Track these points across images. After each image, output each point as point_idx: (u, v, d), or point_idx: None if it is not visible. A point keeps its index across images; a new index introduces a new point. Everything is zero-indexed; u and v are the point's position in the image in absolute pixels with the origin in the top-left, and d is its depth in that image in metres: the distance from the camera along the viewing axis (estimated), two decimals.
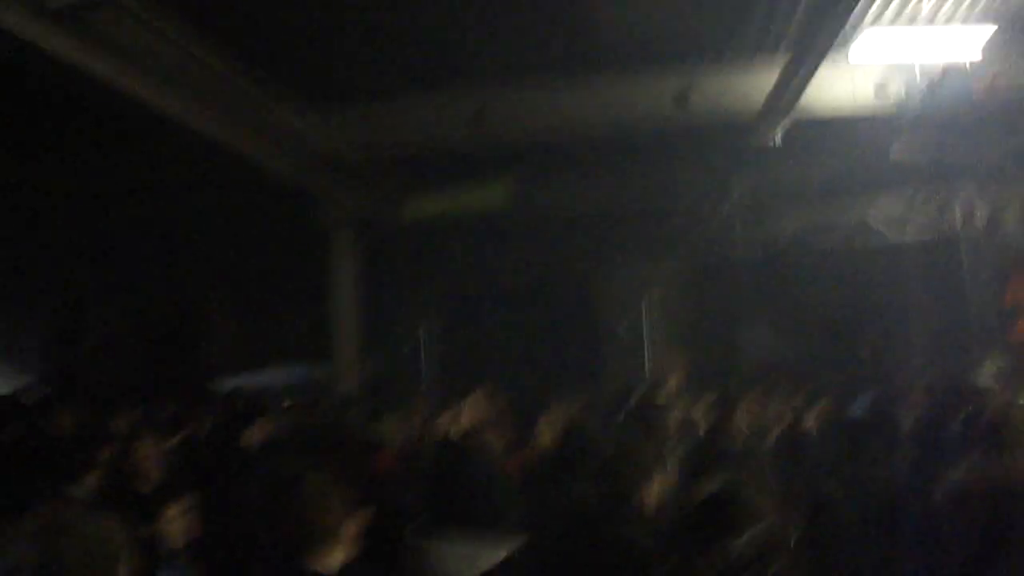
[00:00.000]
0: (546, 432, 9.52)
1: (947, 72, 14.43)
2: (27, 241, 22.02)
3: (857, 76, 15.38)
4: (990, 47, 13.79)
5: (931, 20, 13.84)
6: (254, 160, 15.44)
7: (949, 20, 13.91)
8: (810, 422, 10.13)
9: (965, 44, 13.55)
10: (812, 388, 12.98)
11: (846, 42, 13.33)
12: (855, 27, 13.11)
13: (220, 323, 27.40)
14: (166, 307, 28.12)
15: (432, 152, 17.34)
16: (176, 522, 6.42)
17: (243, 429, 10.55)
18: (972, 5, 13.63)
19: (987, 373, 11.61)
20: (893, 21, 13.74)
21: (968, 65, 14.23)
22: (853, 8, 12.15)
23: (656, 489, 5.59)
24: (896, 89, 15.46)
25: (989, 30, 13.02)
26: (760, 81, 15.01)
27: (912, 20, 13.81)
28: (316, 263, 19.57)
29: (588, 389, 21.21)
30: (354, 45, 14.18)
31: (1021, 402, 8.82)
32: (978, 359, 16.55)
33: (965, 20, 13.92)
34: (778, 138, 15.85)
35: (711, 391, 12.58)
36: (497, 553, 4.64)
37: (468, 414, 9.61)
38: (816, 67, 13.62)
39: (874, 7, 13.07)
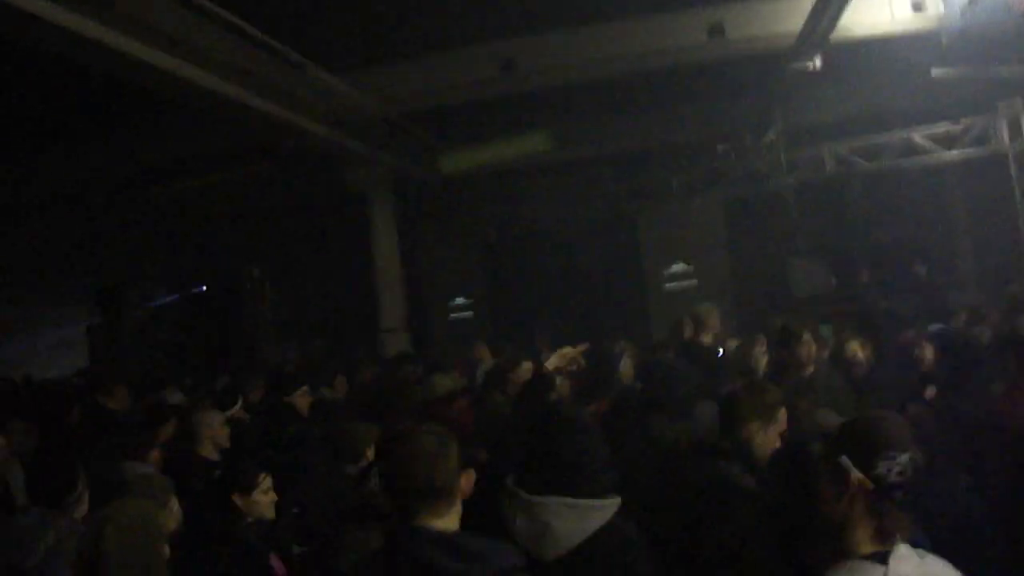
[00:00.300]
0: (625, 372, 9.44)
1: None
2: (66, 221, 22.00)
3: None
4: None
5: None
6: (288, 124, 15.28)
7: None
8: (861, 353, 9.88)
9: None
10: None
11: None
12: None
13: (263, 293, 27.42)
14: (210, 279, 28.23)
15: (466, 105, 17.11)
16: (268, 492, 6.29)
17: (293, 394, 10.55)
18: None
19: None
20: None
21: None
22: None
23: (758, 426, 5.54)
24: (934, 5, 15.15)
25: None
26: (795, 7, 14.67)
27: None
28: (357, 225, 19.44)
29: (640, 330, 21.37)
30: (382, 4, 14.01)
31: None
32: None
33: None
34: (817, 63, 15.55)
35: (762, 327, 12.51)
36: (604, 508, 4.45)
37: (553, 362, 9.42)
38: None
39: None
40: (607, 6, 15.14)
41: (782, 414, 5.61)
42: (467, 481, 3.93)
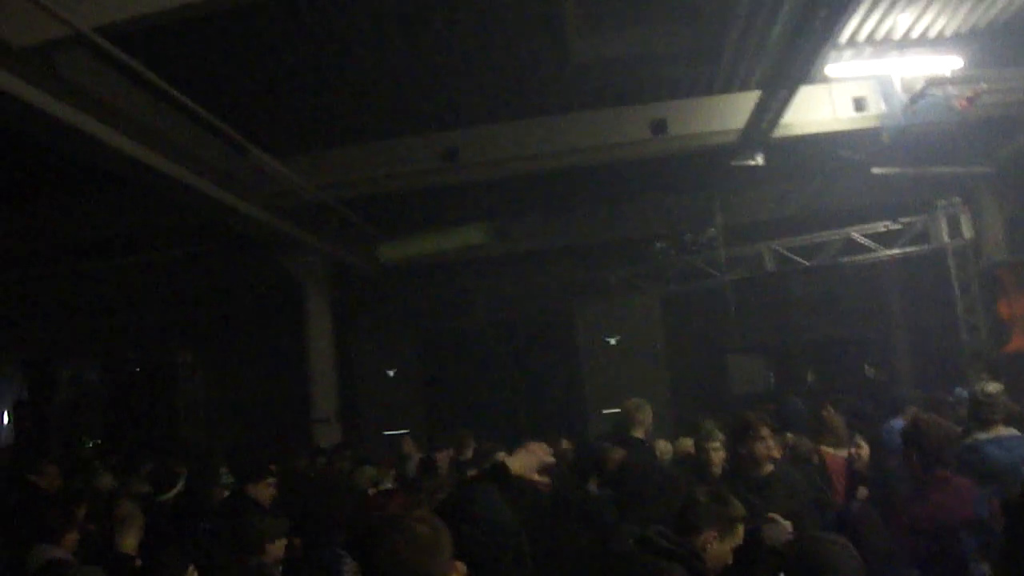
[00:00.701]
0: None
1: (928, 84, 14.19)
2: None
3: (836, 92, 15.23)
4: (972, 58, 13.70)
5: (906, 34, 13.71)
6: (227, 207, 15.11)
7: (926, 34, 13.78)
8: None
9: (945, 57, 13.52)
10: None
11: (824, 59, 13.20)
12: (832, 45, 12.93)
13: (193, 378, 27.15)
14: (139, 362, 27.94)
15: (407, 193, 17.02)
16: None
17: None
18: (951, 19, 13.45)
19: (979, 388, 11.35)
20: (869, 37, 13.58)
21: (950, 75, 14.10)
22: (829, 39, 11.96)
23: (714, 536, 5.36)
24: (876, 103, 15.29)
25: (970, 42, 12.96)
26: (739, 106, 14.78)
27: (888, 35, 13.67)
28: (293, 312, 19.25)
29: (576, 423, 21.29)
30: (326, 91, 13.99)
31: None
32: (970, 373, 16.44)
33: (943, 33, 13.80)
34: (760, 159, 15.62)
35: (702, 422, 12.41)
36: None
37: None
38: (793, 93, 13.38)
39: (850, 27, 12.86)
40: (552, 100, 15.19)
41: (740, 530, 5.45)
42: (457, 574, 3.64)
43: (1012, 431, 7.69)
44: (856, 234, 19.69)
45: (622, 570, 5.54)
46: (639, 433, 9.95)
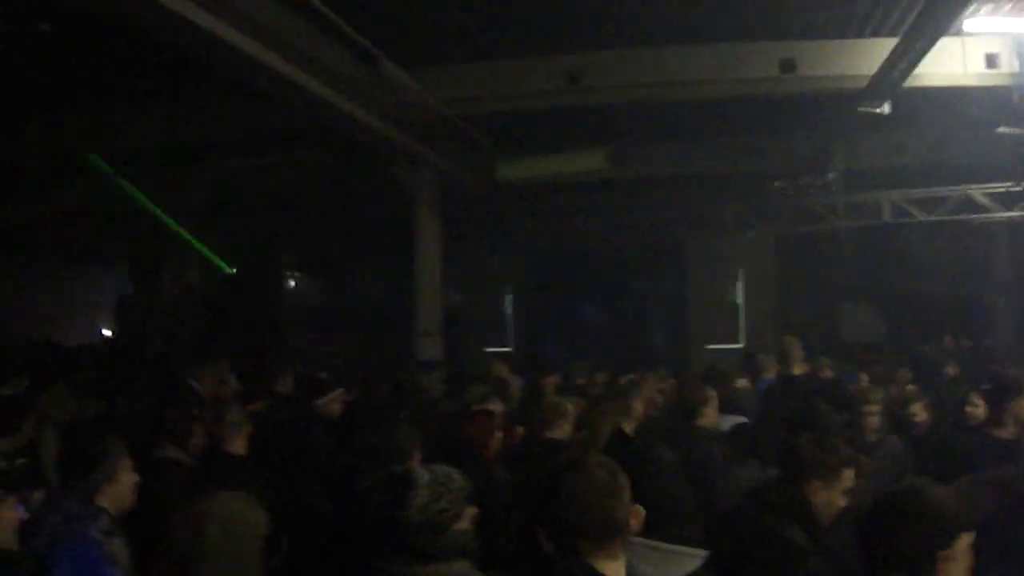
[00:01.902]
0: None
1: None
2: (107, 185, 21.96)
3: (968, 46, 14.94)
4: None
5: None
6: (345, 115, 15.18)
7: None
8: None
9: None
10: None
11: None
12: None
13: (298, 284, 27.45)
14: (246, 262, 28.21)
15: (527, 113, 17.01)
16: None
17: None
18: None
19: None
20: None
21: None
22: None
23: (820, 485, 5.30)
24: (1009, 62, 15.02)
25: None
26: (871, 52, 14.56)
27: None
28: (403, 224, 19.35)
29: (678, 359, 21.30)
30: (454, 4, 13.96)
31: None
32: None
33: None
34: (887, 108, 15.43)
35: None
36: (686, 557, 4.33)
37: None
38: (931, 45, 13.16)
39: None
40: (680, 28, 15.04)
41: (849, 473, 5.36)
42: (636, 518, 3.66)
43: None
44: (976, 192, 19.48)
45: (732, 524, 5.52)
46: (797, 371, 9.94)
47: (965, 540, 3.78)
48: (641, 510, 3.66)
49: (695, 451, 7.24)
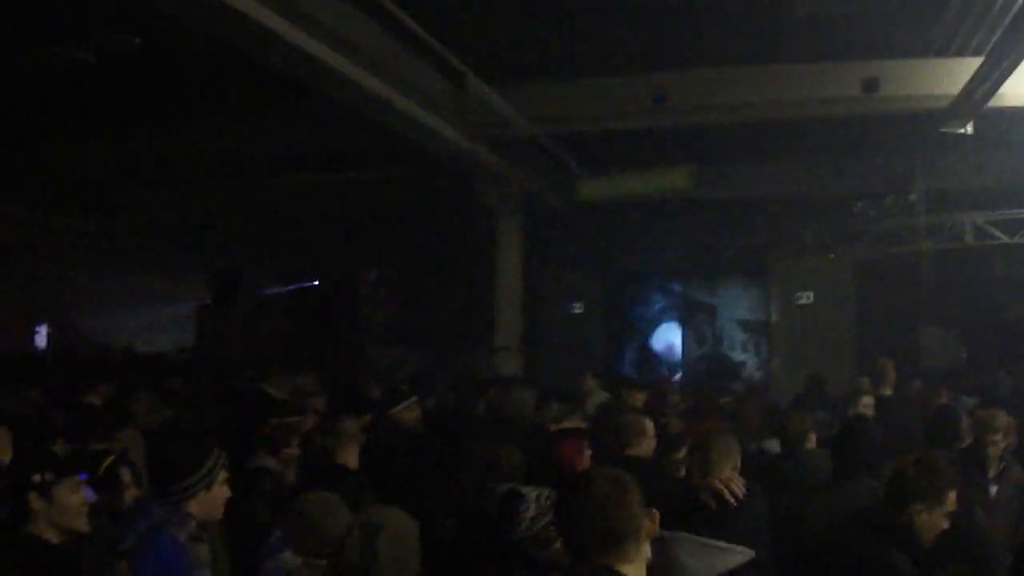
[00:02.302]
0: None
1: None
2: (192, 198, 22.31)
3: None
4: None
5: None
6: (432, 132, 15.39)
7: None
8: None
9: None
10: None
11: None
12: None
13: (376, 298, 27.65)
14: (325, 275, 28.47)
15: (612, 133, 17.15)
16: None
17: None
18: None
19: None
20: None
21: None
22: None
23: (923, 507, 5.38)
24: None
25: None
26: (955, 71, 14.57)
27: None
28: (482, 239, 19.53)
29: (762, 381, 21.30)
30: (540, 23, 14.15)
31: None
32: None
33: None
34: (969, 128, 15.43)
35: None
36: (732, 554, 4.49)
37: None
38: (1015, 66, 13.17)
39: None
40: (762, 49, 15.16)
41: (951, 496, 5.42)
42: (652, 521, 3.84)
43: None
44: None
45: (833, 544, 5.62)
46: (887, 391, 9.97)
47: None
48: (656, 513, 3.84)
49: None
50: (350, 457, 7.90)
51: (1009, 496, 7.81)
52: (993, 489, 7.77)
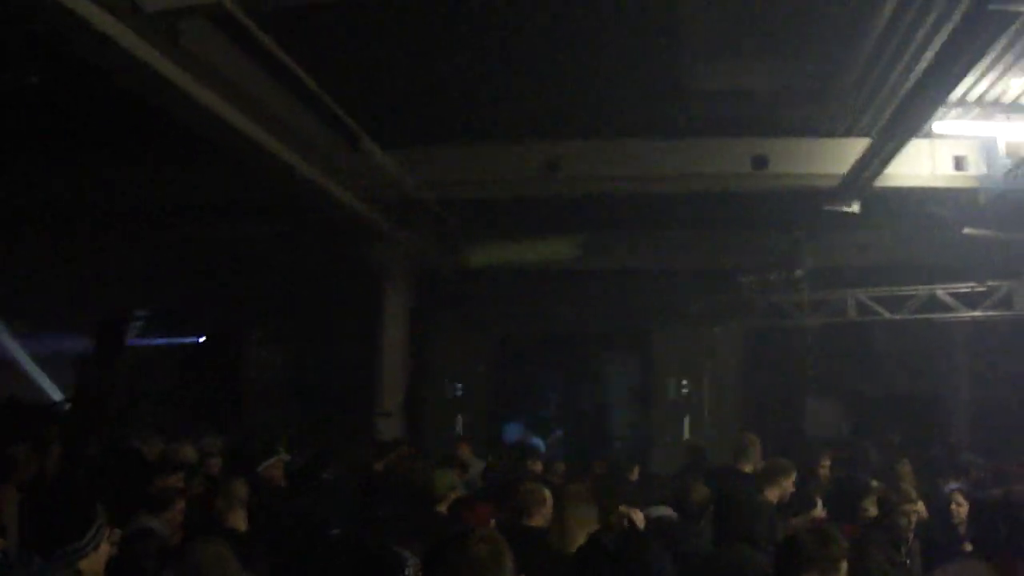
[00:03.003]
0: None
1: None
2: (76, 244, 21.83)
3: (937, 148, 15.26)
4: None
5: (1016, 99, 13.71)
6: (322, 191, 15.26)
7: None
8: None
9: None
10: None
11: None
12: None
13: (261, 356, 27.36)
14: (210, 332, 28.08)
15: (503, 200, 17.18)
16: None
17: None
18: None
19: None
20: (980, 99, 13.60)
21: None
22: (945, 98, 12.07)
23: None
24: (976, 164, 15.33)
25: None
26: (843, 151, 14.91)
27: (999, 98, 13.68)
28: (369, 302, 19.43)
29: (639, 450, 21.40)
30: (436, 87, 14.12)
31: None
32: None
33: None
34: (856, 207, 15.72)
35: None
36: None
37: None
38: (903, 146, 13.47)
39: (963, 86, 12.88)
40: (655, 121, 15.25)
41: (843, 567, 5.36)
42: None
43: None
44: (940, 291, 19.80)
45: None
46: (747, 469, 9.98)
47: None
48: None
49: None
50: (239, 520, 7.78)
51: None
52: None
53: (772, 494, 9.05)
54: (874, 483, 10.44)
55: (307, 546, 7.53)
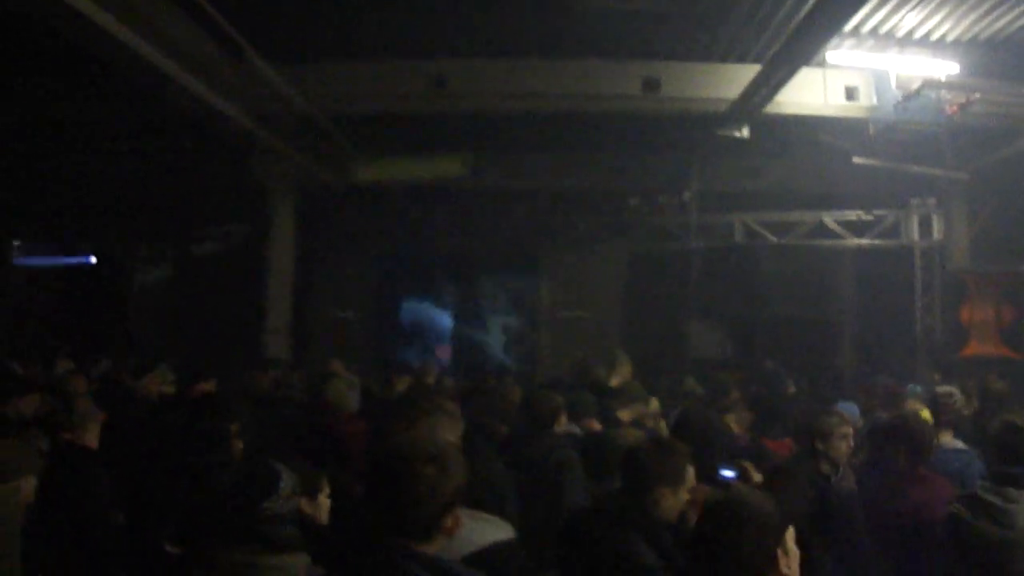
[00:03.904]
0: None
1: (924, 85, 14.27)
2: None
3: (830, 77, 15.28)
4: (969, 67, 13.83)
5: (909, 33, 13.76)
6: (209, 107, 14.82)
7: (928, 36, 13.84)
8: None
9: (944, 61, 13.67)
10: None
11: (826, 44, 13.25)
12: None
13: (149, 275, 26.89)
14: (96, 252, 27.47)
15: (389, 116, 16.87)
16: None
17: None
18: (955, 25, 13.51)
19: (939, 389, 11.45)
20: (873, 30, 13.60)
21: (945, 80, 14.21)
22: (841, 25, 12.04)
23: (667, 491, 5.18)
24: (868, 95, 15.37)
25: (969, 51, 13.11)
26: (735, 77, 14.83)
27: (892, 31, 13.69)
28: (255, 220, 19.12)
29: (527, 368, 21.37)
30: (323, 3, 13.78)
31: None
32: (924, 372, 16.73)
33: (945, 38, 13.87)
34: (746, 132, 15.70)
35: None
36: (495, 533, 4.32)
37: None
38: (793, 74, 13.43)
39: (857, 17, 12.82)
40: (546, 41, 15.05)
41: (691, 472, 5.28)
42: (454, 523, 3.61)
43: (957, 444, 7.78)
44: (828, 218, 19.93)
45: (580, 540, 5.42)
46: (615, 383, 9.89)
47: (790, 535, 3.80)
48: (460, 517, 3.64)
49: (555, 454, 7.35)
50: (90, 437, 7.53)
51: None
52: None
53: (624, 415, 9.01)
54: None
55: (169, 464, 7.30)
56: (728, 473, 6.30)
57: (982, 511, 5.50)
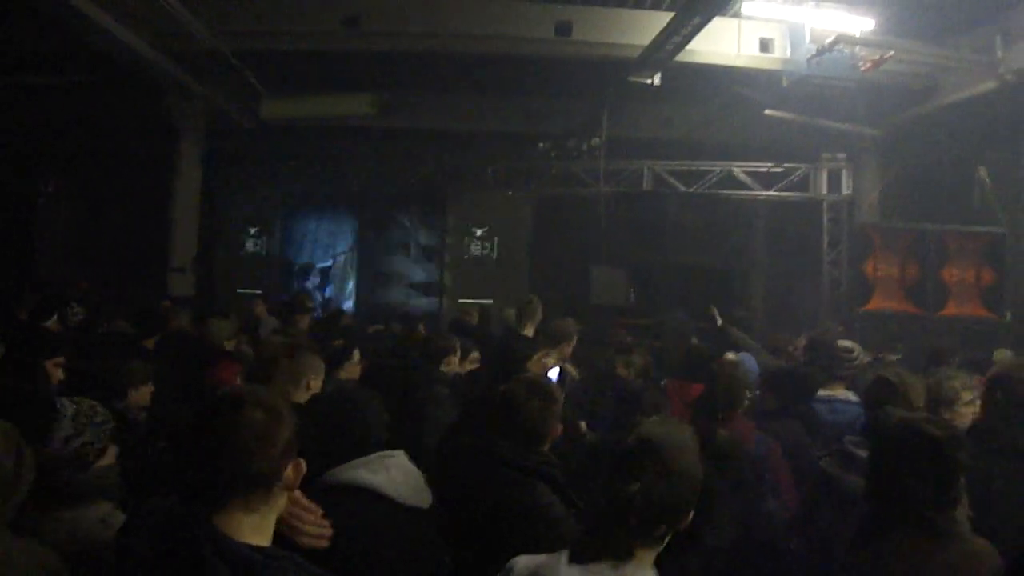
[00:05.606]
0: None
1: (838, 40, 14.25)
2: None
3: (744, 29, 15.30)
4: (884, 24, 13.85)
5: None
6: (114, 38, 14.49)
7: None
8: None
9: (860, 17, 13.70)
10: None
11: None
12: None
13: (55, 211, 26.34)
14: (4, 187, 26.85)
15: (298, 53, 16.62)
16: None
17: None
18: None
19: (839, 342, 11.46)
20: None
21: (859, 36, 14.22)
22: None
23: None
24: (782, 48, 15.41)
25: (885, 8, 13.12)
26: (648, 23, 14.79)
27: None
28: (162, 156, 18.82)
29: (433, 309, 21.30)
30: None
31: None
32: (827, 324, 16.87)
33: None
34: (657, 79, 15.63)
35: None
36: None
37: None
38: (707, 22, 13.35)
39: None
40: None
41: (557, 409, 5.19)
42: (295, 471, 3.09)
43: (849, 395, 7.80)
44: (737, 169, 19.97)
45: (469, 480, 5.29)
46: (528, 331, 9.79)
47: None
48: (302, 464, 3.12)
49: (433, 391, 7.52)
50: None
51: None
52: None
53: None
54: None
55: None
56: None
57: (851, 464, 5.47)
